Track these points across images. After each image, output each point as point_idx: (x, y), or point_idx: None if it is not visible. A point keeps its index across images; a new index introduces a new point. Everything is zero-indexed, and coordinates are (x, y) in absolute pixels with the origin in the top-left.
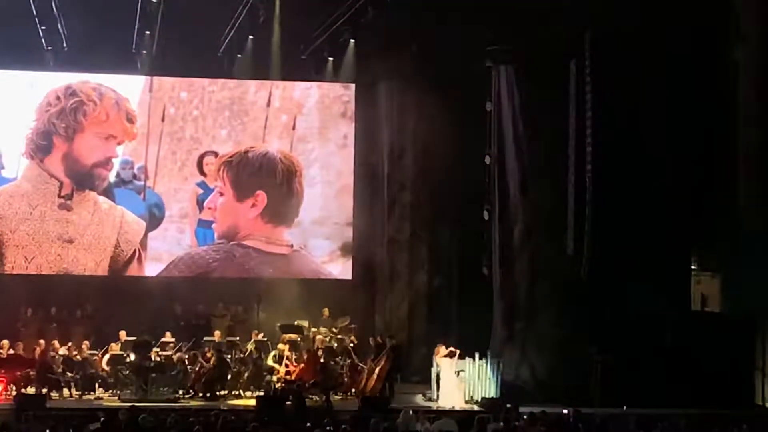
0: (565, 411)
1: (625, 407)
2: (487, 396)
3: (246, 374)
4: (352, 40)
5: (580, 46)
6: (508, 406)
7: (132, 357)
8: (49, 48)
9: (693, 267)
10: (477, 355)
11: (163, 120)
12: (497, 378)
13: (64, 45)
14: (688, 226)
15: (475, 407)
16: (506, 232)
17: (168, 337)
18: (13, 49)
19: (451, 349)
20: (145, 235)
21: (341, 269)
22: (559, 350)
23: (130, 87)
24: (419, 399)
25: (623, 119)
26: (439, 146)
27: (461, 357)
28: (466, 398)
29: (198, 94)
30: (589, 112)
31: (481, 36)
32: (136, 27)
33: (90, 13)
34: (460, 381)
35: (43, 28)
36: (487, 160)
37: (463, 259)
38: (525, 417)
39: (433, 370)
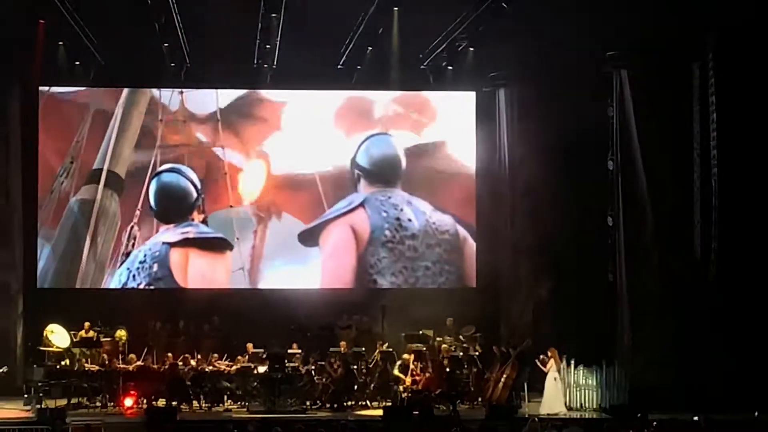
0: (695, 418)
1: (756, 413)
2: (615, 403)
3: (372, 385)
4: (471, 48)
5: (703, 48)
6: (638, 415)
7: (261, 369)
8: (173, 64)
9: None
10: (604, 363)
11: None
12: (625, 385)
13: (187, 62)
14: None
15: (603, 414)
16: (632, 237)
17: (294, 349)
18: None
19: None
20: None
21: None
22: (687, 356)
23: None
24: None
25: (748, 121)
26: (561, 152)
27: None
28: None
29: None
30: (714, 114)
31: (601, 40)
32: (257, 42)
33: (211, 29)
34: (560, 387)
35: (165, 45)
36: (610, 165)
37: (586, 265)
38: (655, 424)
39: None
